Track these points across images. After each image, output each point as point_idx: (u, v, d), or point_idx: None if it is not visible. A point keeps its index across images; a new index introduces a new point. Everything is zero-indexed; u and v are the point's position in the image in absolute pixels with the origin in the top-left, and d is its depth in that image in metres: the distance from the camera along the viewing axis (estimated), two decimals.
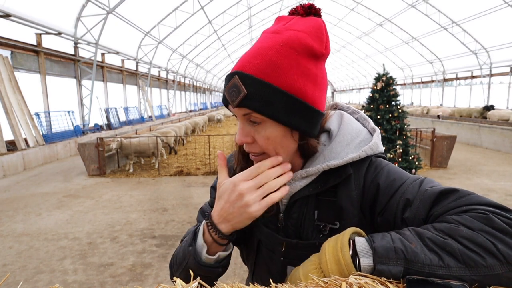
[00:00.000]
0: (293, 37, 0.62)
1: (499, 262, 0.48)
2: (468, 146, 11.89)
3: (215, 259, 0.68)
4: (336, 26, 28.33)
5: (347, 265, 0.54)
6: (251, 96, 0.60)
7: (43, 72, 11.27)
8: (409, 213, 0.61)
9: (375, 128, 0.77)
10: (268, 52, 0.61)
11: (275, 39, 0.63)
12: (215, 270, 0.68)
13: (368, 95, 7.03)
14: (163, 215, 5.19)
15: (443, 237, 0.52)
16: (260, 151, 0.67)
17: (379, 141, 0.75)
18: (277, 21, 0.69)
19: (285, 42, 0.62)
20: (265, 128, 0.64)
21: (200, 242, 0.69)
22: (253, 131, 0.65)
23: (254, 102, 0.61)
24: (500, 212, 0.52)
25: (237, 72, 0.62)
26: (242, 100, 0.61)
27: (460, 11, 17.09)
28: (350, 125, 0.76)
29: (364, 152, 0.71)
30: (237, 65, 0.64)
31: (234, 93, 0.61)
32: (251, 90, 0.60)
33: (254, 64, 0.61)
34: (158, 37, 18.32)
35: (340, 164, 0.70)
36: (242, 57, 0.65)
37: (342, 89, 52.37)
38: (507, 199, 5.62)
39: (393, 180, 0.67)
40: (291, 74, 0.61)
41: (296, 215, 0.74)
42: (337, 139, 0.73)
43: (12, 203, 5.88)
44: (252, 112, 0.62)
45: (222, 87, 52.92)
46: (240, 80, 0.61)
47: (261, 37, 0.66)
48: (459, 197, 0.57)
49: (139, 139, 8.31)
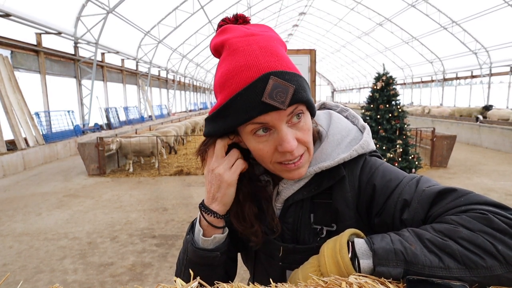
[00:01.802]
0: (270, 36, 0.64)
1: (499, 263, 0.48)
2: (468, 145, 11.89)
3: (211, 240, 0.69)
4: (336, 25, 28.31)
5: (346, 267, 0.54)
6: (298, 89, 0.59)
7: (43, 72, 11.27)
8: (408, 214, 0.60)
9: (365, 125, 0.76)
10: (271, 49, 0.61)
11: (262, 38, 0.62)
12: (213, 254, 0.69)
13: (368, 95, 7.03)
14: (163, 214, 5.19)
15: (443, 238, 0.51)
16: (303, 151, 0.66)
17: (369, 138, 0.74)
18: (229, 30, 0.65)
19: (269, 38, 0.63)
20: (305, 121, 0.64)
21: (197, 228, 0.71)
22: (294, 132, 0.63)
23: (302, 93, 0.60)
24: (500, 212, 0.52)
25: (271, 73, 0.57)
26: (293, 96, 0.58)
27: (460, 10, 17.09)
28: (340, 124, 0.75)
29: (355, 151, 0.70)
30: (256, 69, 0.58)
31: (281, 93, 0.57)
32: (295, 83, 0.59)
33: (276, 61, 0.59)
34: (158, 36, 18.31)
35: (331, 166, 0.69)
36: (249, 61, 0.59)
37: (342, 89, 52.34)
38: (507, 199, 5.63)
39: (389, 180, 0.66)
40: (290, 60, 0.63)
41: (292, 219, 0.73)
42: (327, 140, 0.72)
43: (12, 203, 5.88)
44: (298, 105, 0.61)
45: None
46: (280, 78, 0.57)
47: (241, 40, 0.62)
48: (458, 197, 0.57)
49: (139, 139, 8.32)
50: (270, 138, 0.63)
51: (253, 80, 0.57)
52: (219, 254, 0.70)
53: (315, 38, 34.87)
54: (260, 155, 0.65)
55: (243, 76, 0.58)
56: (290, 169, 0.65)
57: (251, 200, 0.73)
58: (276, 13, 26.16)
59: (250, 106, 0.58)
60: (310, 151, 0.67)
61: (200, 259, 0.69)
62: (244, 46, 0.60)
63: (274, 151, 0.63)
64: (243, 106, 0.59)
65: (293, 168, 0.65)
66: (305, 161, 0.67)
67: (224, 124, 0.64)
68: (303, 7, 27.13)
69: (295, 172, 0.66)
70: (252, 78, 0.58)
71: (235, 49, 0.61)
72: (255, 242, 0.74)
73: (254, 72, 0.58)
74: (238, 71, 0.59)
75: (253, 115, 0.58)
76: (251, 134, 0.63)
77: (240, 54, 0.60)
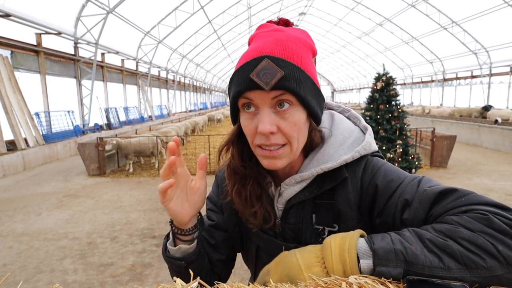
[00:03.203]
0: (297, 35, 0.66)
1: (500, 264, 0.48)
2: (468, 146, 11.89)
3: (177, 250, 0.73)
4: (336, 26, 28.33)
5: (352, 267, 0.54)
6: (288, 77, 0.60)
7: (43, 72, 11.27)
8: (408, 214, 0.60)
9: (366, 126, 0.76)
10: (288, 43, 0.63)
11: (284, 34, 0.65)
12: (177, 263, 0.73)
13: (368, 95, 7.02)
14: (163, 215, 5.19)
15: (443, 239, 0.52)
16: (283, 142, 0.64)
17: (371, 139, 0.74)
18: (263, 27, 0.71)
19: (294, 37, 0.65)
20: (292, 113, 0.63)
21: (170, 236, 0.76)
22: (277, 119, 0.63)
23: (291, 83, 0.61)
24: (500, 212, 0.52)
25: (267, 56, 0.61)
26: (279, 81, 0.60)
27: (460, 11, 17.09)
28: (342, 124, 0.75)
29: (357, 152, 0.70)
30: (259, 51, 0.62)
31: (267, 75, 0.60)
32: (287, 71, 0.60)
33: (280, 50, 0.62)
34: (158, 37, 18.31)
35: (334, 167, 0.69)
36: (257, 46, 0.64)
37: (342, 89, 52.35)
38: (507, 199, 5.62)
39: (390, 181, 0.66)
40: (308, 63, 0.65)
41: (293, 220, 0.74)
42: (329, 141, 0.72)
43: (12, 203, 5.88)
44: (284, 93, 0.61)
45: (222, 87, 51.93)
46: (273, 62, 0.60)
47: (264, 34, 0.67)
48: (459, 197, 0.57)
49: (139, 139, 8.31)
50: (255, 118, 0.65)
51: (251, 59, 0.62)
52: (184, 264, 0.72)
53: (315, 38, 34.83)
54: (246, 133, 0.67)
55: (248, 55, 0.64)
56: (265, 155, 0.65)
57: (254, 182, 0.75)
58: (276, 13, 26.15)
59: (241, 81, 0.62)
60: (292, 147, 0.65)
61: (169, 264, 0.74)
62: (264, 37, 0.66)
63: (255, 132, 0.65)
64: (237, 80, 0.64)
65: (267, 154, 0.65)
66: (284, 154, 0.65)
67: (230, 95, 0.68)
68: (303, 7, 27.14)
69: (270, 160, 0.66)
70: (252, 57, 0.62)
71: (257, 38, 0.68)
72: (253, 224, 0.75)
73: (256, 53, 0.62)
74: (248, 52, 0.65)
75: (241, 89, 0.63)
76: (242, 109, 0.66)
77: (257, 41, 0.67)
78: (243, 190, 0.74)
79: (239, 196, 0.74)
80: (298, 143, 0.66)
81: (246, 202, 0.73)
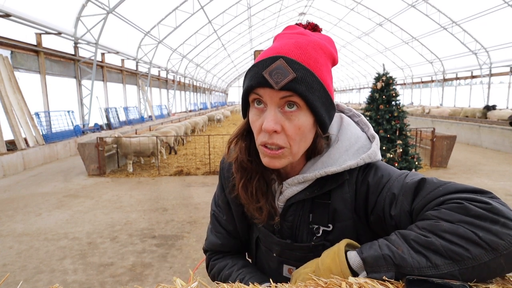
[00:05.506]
0: (320, 41, 0.67)
1: (484, 250, 0.48)
2: (468, 146, 11.89)
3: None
4: (336, 26, 28.31)
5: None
6: (299, 80, 0.61)
7: (43, 72, 11.27)
8: (395, 207, 0.62)
9: (374, 135, 0.76)
10: (307, 47, 0.64)
11: (306, 39, 0.66)
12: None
13: (368, 95, 7.03)
14: (163, 215, 5.19)
15: (426, 236, 0.52)
16: (283, 144, 0.65)
17: (377, 149, 0.74)
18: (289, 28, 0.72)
19: (316, 42, 0.66)
20: (299, 116, 0.64)
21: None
22: (283, 119, 0.64)
23: (301, 86, 0.62)
24: (475, 197, 0.53)
25: (282, 56, 0.62)
26: (289, 82, 0.61)
27: (460, 11, 17.09)
28: (349, 130, 0.75)
29: (362, 160, 0.70)
30: (277, 51, 0.64)
31: (279, 75, 0.61)
32: (299, 74, 0.61)
33: (297, 53, 0.63)
34: (158, 37, 18.31)
35: (338, 171, 0.69)
36: (277, 46, 0.65)
37: (342, 89, 52.33)
38: (507, 199, 5.62)
39: (380, 177, 0.68)
40: (324, 70, 0.66)
41: (292, 218, 0.75)
42: (335, 145, 0.73)
43: (12, 203, 5.88)
44: (293, 95, 0.62)
45: (222, 87, 51.86)
46: (287, 63, 0.61)
47: (287, 35, 0.69)
48: (436, 187, 0.59)
49: (139, 139, 8.31)
50: (262, 114, 0.66)
51: (268, 57, 0.64)
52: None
53: None
54: (253, 128, 0.68)
55: (266, 53, 0.65)
56: (265, 153, 0.67)
57: (260, 177, 0.75)
58: (276, 14, 26.17)
59: (254, 77, 0.64)
60: (292, 150, 0.66)
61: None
62: (286, 38, 0.68)
63: (261, 129, 0.66)
64: (251, 75, 0.65)
65: (267, 153, 0.66)
66: (283, 156, 0.66)
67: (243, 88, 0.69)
68: (303, 8, 27.12)
69: (269, 159, 0.67)
70: (269, 55, 0.64)
71: (280, 38, 0.70)
72: (259, 219, 0.76)
73: (273, 52, 0.64)
74: (267, 50, 0.67)
75: (253, 84, 0.64)
76: (252, 104, 0.68)
77: (279, 41, 0.68)
78: (249, 185, 0.75)
79: (245, 191, 0.75)
80: (299, 148, 0.67)
81: (251, 197, 0.75)
